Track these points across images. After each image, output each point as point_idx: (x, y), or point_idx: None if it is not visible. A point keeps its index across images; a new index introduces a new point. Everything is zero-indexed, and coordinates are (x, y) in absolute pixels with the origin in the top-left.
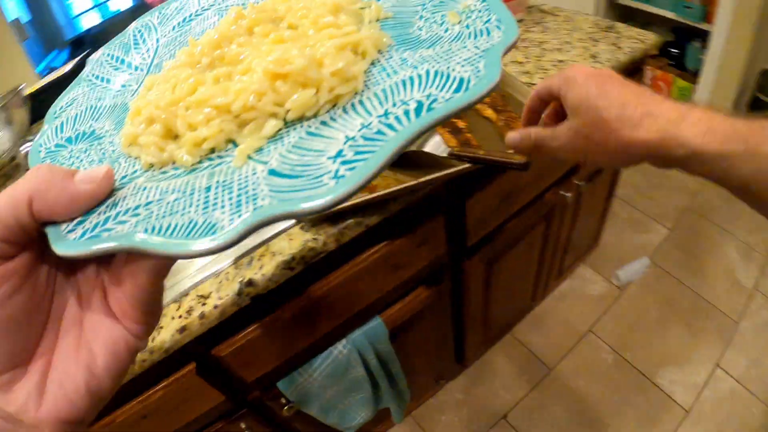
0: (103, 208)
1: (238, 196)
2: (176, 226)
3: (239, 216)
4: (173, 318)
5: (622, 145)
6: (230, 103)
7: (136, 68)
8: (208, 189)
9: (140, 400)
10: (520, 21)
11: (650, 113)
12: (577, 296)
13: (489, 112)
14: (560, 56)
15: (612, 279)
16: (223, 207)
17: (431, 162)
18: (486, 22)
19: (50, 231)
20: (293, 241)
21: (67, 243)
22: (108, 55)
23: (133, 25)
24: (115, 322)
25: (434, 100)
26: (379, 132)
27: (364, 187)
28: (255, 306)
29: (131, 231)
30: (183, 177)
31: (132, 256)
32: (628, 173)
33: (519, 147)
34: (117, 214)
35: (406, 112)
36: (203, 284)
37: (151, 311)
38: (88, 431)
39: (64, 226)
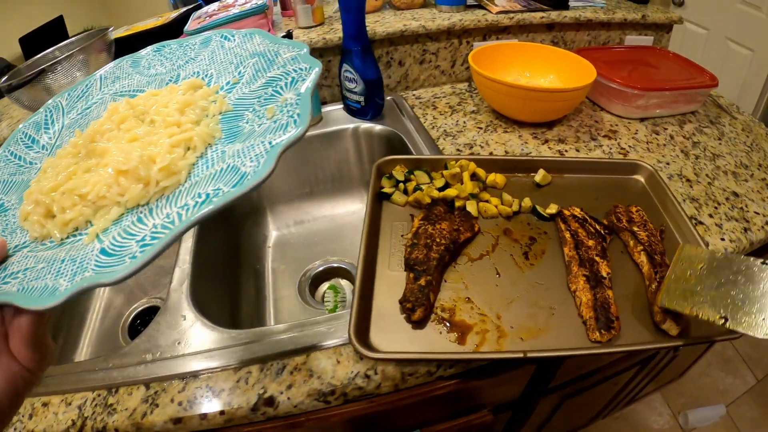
0: None
1: (77, 269)
2: (36, 289)
3: (71, 284)
4: (172, 400)
5: None
6: (88, 193)
7: (44, 147)
8: (63, 261)
9: None
10: (692, 113)
11: None
12: (636, 424)
13: (643, 258)
14: (735, 186)
15: (679, 417)
16: (65, 276)
17: None
18: (290, 116)
19: None
20: (340, 367)
21: None
22: (23, 133)
23: (47, 103)
24: (13, 359)
25: (216, 194)
26: (172, 221)
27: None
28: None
29: (8, 291)
30: (53, 249)
31: (17, 314)
32: None
33: None
34: (4, 277)
35: (194, 205)
36: (217, 374)
37: (40, 351)
38: None
39: None
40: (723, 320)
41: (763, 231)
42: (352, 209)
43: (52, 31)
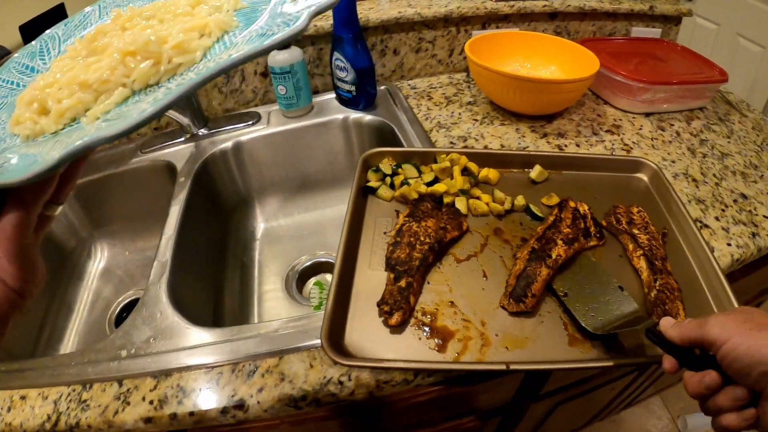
0: None
1: (73, 141)
2: (16, 167)
3: (63, 148)
4: (144, 399)
5: None
6: (88, 79)
7: (38, 71)
8: (58, 142)
9: None
10: (700, 109)
11: None
12: (635, 427)
13: (642, 264)
14: (744, 188)
15: (678, 421)
16: (58, 149)
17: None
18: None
19: None
20: (313, 372)
21: None
22: (17, 62)
23: (41, 35)
24: None
25: (221, 62)
26: (175, 88)
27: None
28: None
29: None
30: (48, 141)
31: (2, 216)
32: None
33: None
34: None
35: (199, 73)
36: (189, 373)
37: (24, 266)
38: None
39: None
40: (564, 294)
41: None
42: (342, 202)
43: (53, 19)
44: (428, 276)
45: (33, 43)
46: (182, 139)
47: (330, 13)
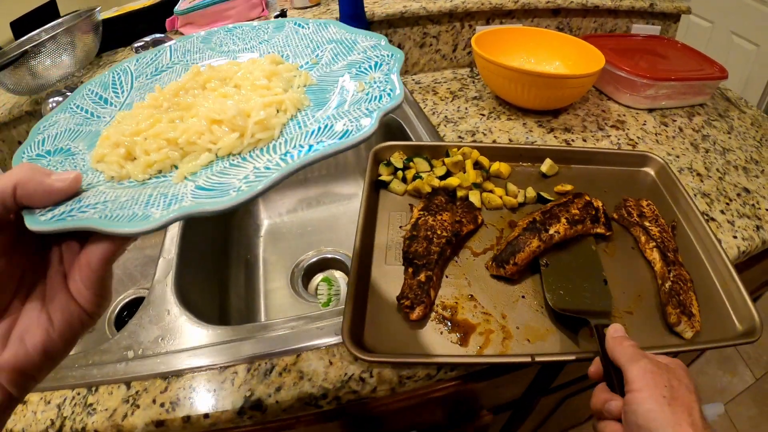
0: (70, 202)
1: (170, 200)
2: (122, 216)
3: (167, 211)
4: (154, 401)
5: None
6: (177, 138)
7: (112, 104)
8: (151, 195)
9: None
10: (701, 105)
11: None
12: None
13: (655, 255)
14: (747, 182)
15: None
16: (158, 206)
17: None
18: (382, 90)
19: (26, 213)
20: (333, 369)
21: (37, 222)
22: (89, 90)
23: (113, 66)
24: (72, 300)
25: (319, 144)
26: (276, 164)
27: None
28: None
29: (87, 218)
30: (136, 188)
31: (88, 248)
32: None
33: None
34: (80, 207)
35: (298, 154)
36: (202, 374)
37: (100, 294)
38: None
39: (38, 211)
40: (545, 264)
41: None
42: (348, 197)
43: (45, 15)
44: (446, 270)
45: (105, 73)
46: None
47: (335, 6)
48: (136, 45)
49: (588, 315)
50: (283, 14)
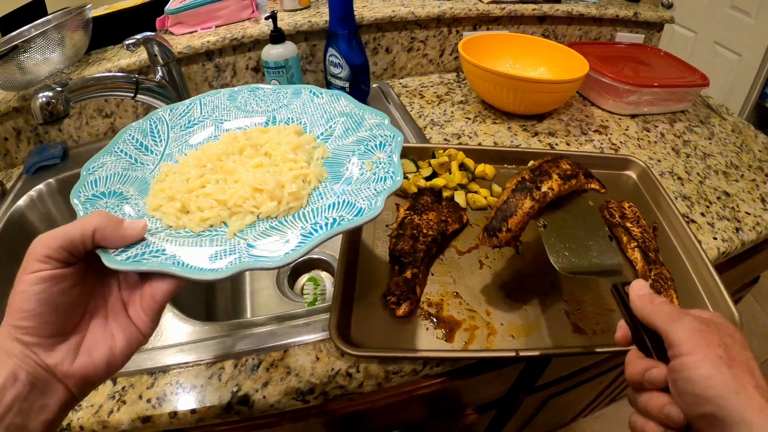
0: (139, 246)
1: (231, 255)
2: (190, 265)
3: (230, 265)
4: (140, 397)
5: None
6: (227, 200)
7: (152, 151)
8: (212, 249)
9: None
10: (683, 112)
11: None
12: (618, 423)
13: (636, 255)
14: (726, 186)
15: None
16: (221, 260)
17: None
18: (386, 172)
19: (102, 253)
20: (320, 364)
21: (115, 261)
22: (130, 135)
23: (151, 114)
24: (131, 322)
25: (342, 219)
26: (310, 233)
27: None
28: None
29: (164, 263)
30: (192, 238)
31: (153, 283)
32: None
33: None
34: (150, 251)
35: (325, 225)
36: (188, 369)
37: (155, 319)
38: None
39: (112, 251)
40: (543, 225)
41: (754, 231)
42: None
43: (32, 13)
44: (431, 268)
45: (141, 120)
46: None
47: (325, 9)
48: (127, 42)
49: (599, 275)
50: (273, 16)
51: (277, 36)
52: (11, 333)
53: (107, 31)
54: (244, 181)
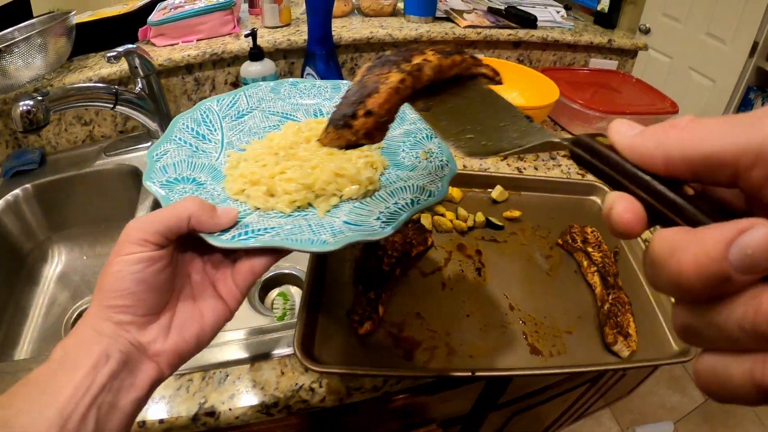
0: (235, 228)
1: (332, 230)
2: (301, 240)
3: (340, 239)
4: None
5: None
6: (313, 184)
7: (209, 140)
8: (310, 225)
9: None
10: None
11: None
12: None
13: (596, 279)
14: None
15: None
16: (326, 234)
17: None
18: (440, 161)
19: (207, 236)
20: (284, 379)
21: (221, 241)
22: (183, 124)
23: (199, 104)
24: (219, 299)
25: (418, 200)
26: (395, 212)
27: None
28: None
29: (281, 239)
30: (286, 218)
31: (253, 258)
32: None
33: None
34: (252, 231)
35: (405, 204)
36: None
37: (246, 293)
38: None
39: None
40: (426, 108)
41: None
42: None
43: (17, 11)
44: (395, 288)
45: (193, 109)
46: (148, 144)
47: (305, 27)
48: (108, 55)
49: (540, 149)
50: (253, 33)
51: (257, 53)
52: (104, 313)
53: (90, 39)
54: (326, 167)
